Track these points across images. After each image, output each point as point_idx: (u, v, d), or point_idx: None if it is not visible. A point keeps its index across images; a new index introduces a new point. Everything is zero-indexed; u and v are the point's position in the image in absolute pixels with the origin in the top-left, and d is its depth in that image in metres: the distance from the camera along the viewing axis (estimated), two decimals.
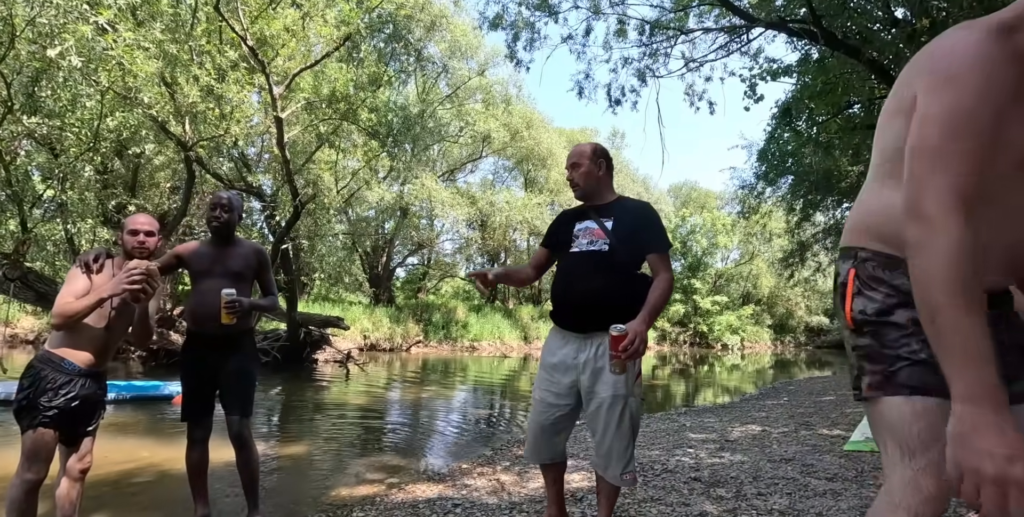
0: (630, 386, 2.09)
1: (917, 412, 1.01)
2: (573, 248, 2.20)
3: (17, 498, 2.09)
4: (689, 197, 37.47)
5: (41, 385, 2.16)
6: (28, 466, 2.11)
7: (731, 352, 26.64)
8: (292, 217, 9.35)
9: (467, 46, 18.29)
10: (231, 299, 2.46)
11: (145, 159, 8.96)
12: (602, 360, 2.06)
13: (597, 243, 2.15)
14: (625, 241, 2.13)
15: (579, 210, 2.30)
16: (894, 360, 1.06)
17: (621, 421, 2.07)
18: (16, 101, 6.69)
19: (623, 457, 2.08)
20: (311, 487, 3.54)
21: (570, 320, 2.17)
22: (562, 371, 2.15)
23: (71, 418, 2.21)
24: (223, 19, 7.47)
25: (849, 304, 1.13)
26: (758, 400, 8.55)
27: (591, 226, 2.20)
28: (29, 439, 2.12)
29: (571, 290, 2.15)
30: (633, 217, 2.19)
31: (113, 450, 3.95)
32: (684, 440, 4.82)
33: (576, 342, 2.14)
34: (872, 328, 1.09)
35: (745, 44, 8.21)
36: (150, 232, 2.33)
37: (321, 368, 10.94)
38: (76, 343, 2.22)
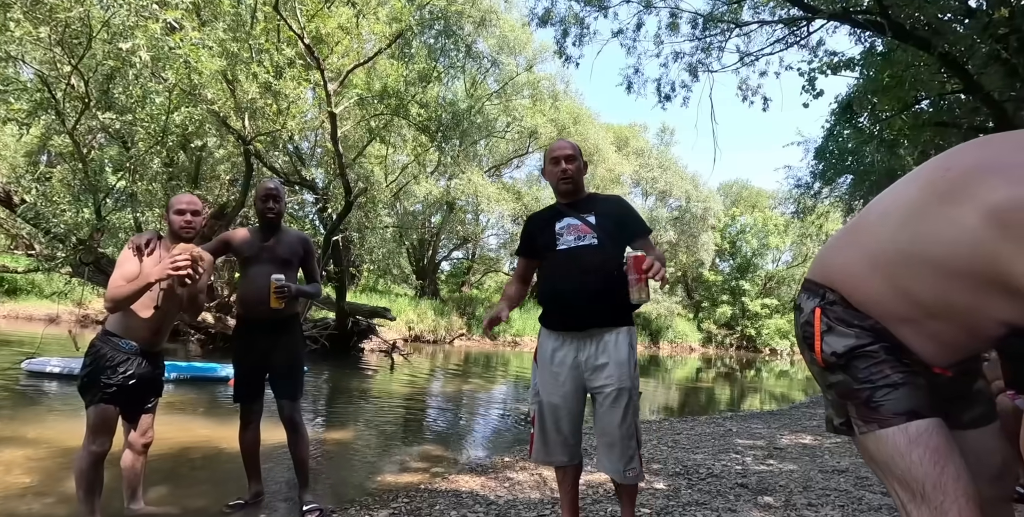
0: (635, 377, 2.05)
1: (912, 439, 0.98)
2: (560, 246, 2.13)
3: (84, 469, 2.23)
4: (740, 196, 36.34)
5: (101, 363, 2.27)
6: (93, 439, 2.24)
7: (780, 358, 25.78)
8: (344, 210, 9.60)
9: (516, 42, 18.27)
10: (280, 284, 2.54)
11: (207, 152, 9.38)
12: (603, 356, 2.03)
13: (585, 238, 2.10)
14: (612, 234, 2.11)
15: (552, 210, 2.25)
16: (874, 391, 1.03)
17: (625, 415, 2.00)
18: (92, 98, 7.11)
19: (626, 453, 2.01)
20: (357, 472, 3.64)
21: (570, 319, 2.09)
22: (566, 373, 2.08)
23: (129, 395, 2.31)
24: (281, 18, 7.72)
25: (819, 343, 1.11)
26: (809, 408, 8.24)
27: (573, 223, 2.14)
28: (92, 414, 2.25)
29: (567, 288, 2.07)
30: (613, 209, 2.18)
31: (173, 427, 4.17)
32: (730, 445, 4.71)
33: (575, 341, 2.08)
34: (843, 362, 1.07)
35: (805, 37, 7.88)
36: (196, 211, 2.40)
37: (367, 357, 11.22)
38: (131, 324, 2.31)
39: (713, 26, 8.18)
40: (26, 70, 7.74)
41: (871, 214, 1.11)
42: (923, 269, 0.98)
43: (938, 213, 0.96)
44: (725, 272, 29.45)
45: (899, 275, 1.02)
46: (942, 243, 0.95)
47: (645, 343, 24.54)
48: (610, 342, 2.04)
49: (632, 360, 2.05)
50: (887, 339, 1.04)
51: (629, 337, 2.08)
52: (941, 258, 0.95)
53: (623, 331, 2.07)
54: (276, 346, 2.70)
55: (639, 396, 2.08)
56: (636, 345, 2.10)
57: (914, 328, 1.03)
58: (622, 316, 2.08)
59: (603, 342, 2.04)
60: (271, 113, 8.33)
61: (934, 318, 1.00)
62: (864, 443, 1.06)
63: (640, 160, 25.86)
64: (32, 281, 13.29)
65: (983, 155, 0.96)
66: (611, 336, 2.05)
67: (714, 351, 26.62)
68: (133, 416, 2.41)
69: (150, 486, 2.81)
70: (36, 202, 7.03)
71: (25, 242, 9.39)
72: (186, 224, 2.38)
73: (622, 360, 2.02)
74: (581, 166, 2.22)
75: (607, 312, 2.04)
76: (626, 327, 2.08)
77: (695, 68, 8.54)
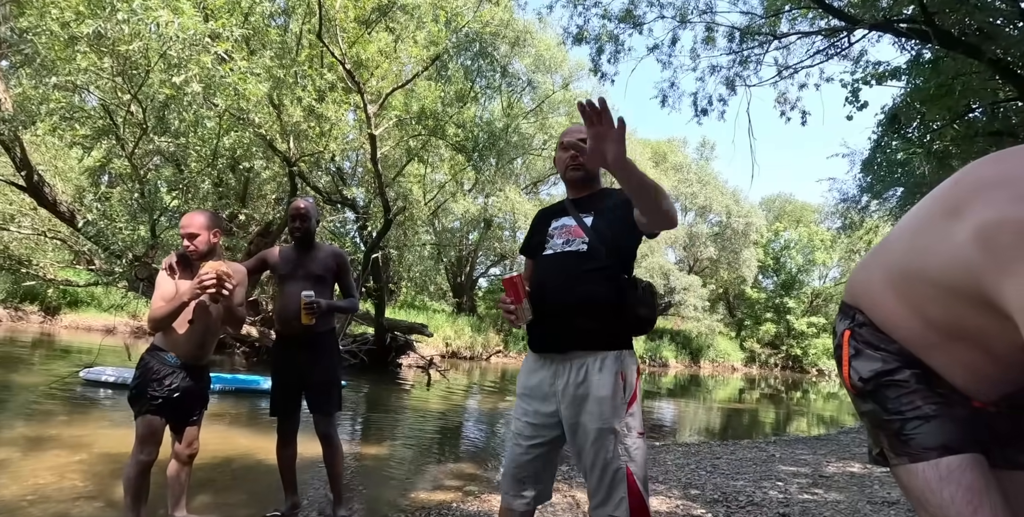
0: (623, 414, 1.66)
1: (942, 476, 0.92)
2: (546, 250, 1.85)
3: (132, 477, 2.32)
4: (783, 210, 35.43)
5: (148, 376, 2.38)
6: (140, 449, 2.33)
7: (828, 379, 24.70)
8: (383, 228, 9.81)
9: (551, 60, 18.50)
10: (309, 300, 2.60)
11: (254, 173, 9.77)
12: (584, 387, 1.68)
13: (574, 243, 1.79)
14: (607, 238, 1.75)
15: (558, 206, 1.96)
16: (903, 423, 0.98)
17: (609, 462, 1.64)
18: (149, 123, 7.55)
19: (612, 505, 1.64)
20: (391, 488, 3.66)
21: (546, 337, 1.79)
22: (540, 399, 1.78)
23: (175, 407, 2.41)
24: (324, 45, 8.05)
25: (847, 369, 1.07)
26: (858, 434, 7.85)
27: (568, 223, 1.84)
28: (140, 424, 2.35)
29: (545, 301, 1.75)
30: (617, 206, 1.79)
31: (216, 437, 4.29)
32: (773, 472, 4.53)
33: (553, 365, 1.76)
34: (872, 390, 1.02)
35: (846, 48, 7.71)
36: (191, 234, 2.39)
37: (404, 372, 11.33)
38: (174, 339, 2.42)
39: (750, 39, 8.10)
40: (90, 98, 8.29)
41: (894, 230, 1.08)
42: (926, 286, 0.94)
43: (938, 227, 0.92)
44: (769, 289, 28.56)
45: (910, 293, 0.97)
46: (938, 258, 0.91)
47: (685, 362, 23.95)
48: (592, 370, 1.69)
49: (618, 394, 1.67)
50: (916, 365, 0.99)
51: (618, 365, 1.70)
52: (938, 275, 0.91)
53: (611, 357, 1.70)
54: (312, 362, 2.75)
55: (642, 438, 1.69)
56: (631, 374, 1.72)
57: (939, 353, 0.97)
58: (611, 338, 1.73)
59: (584, 369, 1.70)
60: (314, 135, 8.64)
61: (953, 341, 0.95)
62: (897, 474, 1.01)
63: (679, 175, 25.56)
64: (92, 294, 14.02)
65: (997, 169, 0.90)
66: (595, 362, 1.70)
67: (758, 371, 25.73)
68: (179, 428, 2.51)
69: (193, 495, 2.89)
70: (97, 220, 7.46)
71: (86, 258, 9.93)
72: (185, 248, 2.41)
73: (604, 395, 1.66)
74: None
75: (590, 332, 1.71)
76: (615, 352, 1.71)
77: (732, 82, 8.45)
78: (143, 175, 8.30)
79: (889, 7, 6.50)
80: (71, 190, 10.12)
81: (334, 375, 2.83)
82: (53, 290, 13.00)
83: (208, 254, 2.44)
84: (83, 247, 9.48)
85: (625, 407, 1.67)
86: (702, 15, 8.15)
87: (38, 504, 2.79)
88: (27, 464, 3.40)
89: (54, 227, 9.49)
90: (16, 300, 13.18)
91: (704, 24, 8.25)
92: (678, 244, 24.85)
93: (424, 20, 9.12)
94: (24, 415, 4.81)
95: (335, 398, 2.81)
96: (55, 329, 12.81)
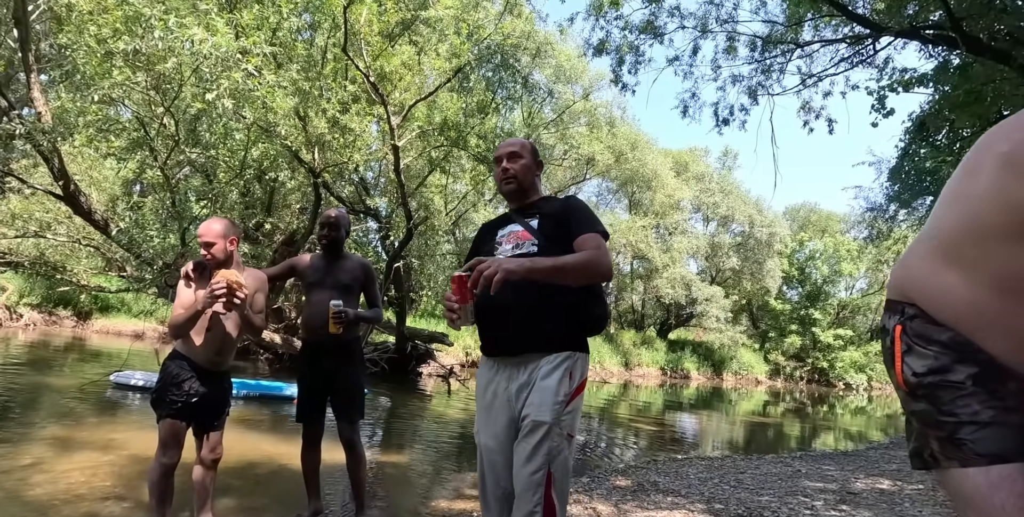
0: (560, 412, 1.61)
1: (993, 483, 0.90)
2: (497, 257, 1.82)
3: (155, 480, 2.38)
4: (808, 220, 34.83)
5: (168, 380, 2.44)
6: (163, 452, 2.38)
7: (856, 393, 24.09)
8: (405, 238, 9.92)
9: (572, 71, 18.59)
10: (338, 310, 2.63)
11: (280, 183, 9.98)
12: (534, 379, 1.68)
13: (524, 245, 1.79)
14: (555, 238, 1.76)
15: (502, 218, 1.98)
16: (957, 426, 0.95)
17: (533, 455, 1.56)
18: (181, 136, 7.78)
19: (523, 507, 1.54)
20: (412, 495, 3.67)
21: (501, 340, 1.77)
22: (498, 407, 1.74)
23: (195, 412, 2.46)
24: (349, 59, 8.22)
25: (899, 365, 1.03)
26: (888, 450, 7.63)
27: (515, 229, 1.86)
28: (161, 427, 2.40)
29: (496, 303, 1.69)
30: (559, 210, 1.84)
31: (241, 442, 4.36)
32: (798, 487, 4.43)
33: (508, 369, 1.74)
34: (926, 391, 0.99)
35: (871, 55, 7.61)
36: (208, 243, 2.44)
37: (424, 381, 11.37)
38: (194, 345, 2.47)
39: (773, 48, 8.05)
40: (125, 111, 8.59)
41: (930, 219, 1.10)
42: (977, 241, 0.96)
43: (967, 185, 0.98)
44: (793, 300, 28.03)
45: (962, 256, 0.98)
46: (979, 207, 0.95)
47: (707, 374, 23.59)
48: (543, 369, 1.67)
49: (562, 391, 1.63)
50: (971, 359, 0.96)
51: (568, 364, 1.68)
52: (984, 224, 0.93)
53: (562, 357, 1.68)
54: (337, 370, 2.78)
55: (570, 442, 1.62)
56: (578, 376, 1.69)
57: (998, 330, 0.94)
58: (563, 339, 1.71)
59: (537, 369, 1.69)
60: (338, 146, 8.81)
61: (1013, 303, 0.92)
62: (945, 478, 0.99)
63: (700, 185, 25.36)
64: (122, 300, 14.40)
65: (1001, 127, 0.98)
66: (547, 363, 1.68)
67: (782, 384, 25.19)
68: (201, 433, 2.55)
69: (217, 498, 2.94)
70: (129, 229, 7.69)
71: (118, 265, 10.22)
72: (203, 256, 2.48)
73: (547, 386, 1.64)
74: (531, 165, 1.94)
75: (542, 333, 1.69)
76: (566, 353, 1.69)
77: (754, 91, 8.40)
78: (174, 185, 8.55)
79: (915, 14, 6.42)
80: (105, 199, 10.45)
81: (358, 382, 2.88)
82: (85, 296, 13.40)
83: (225, 262, 2.47)
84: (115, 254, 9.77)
85: (564, 404, 1.63)
86: (723, 25, 8.14)
87: (70, 503, 2.87)
88: (59, 464, 3.50)
89: (88, 235, 9.80)
90: (50, 305, 13.59)
91: (725, 33, 8.24)
92: (700, 254, 24.58)
93: (446, 33, 9.27)
94: (57, 416, 4.95)
95: (359, 405, 2.85)
96: (86, 333, 13.16)
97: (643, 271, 23.06)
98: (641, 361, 21.49)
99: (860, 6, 7.25)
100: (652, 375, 21.18)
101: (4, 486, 3.06)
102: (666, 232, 23.54)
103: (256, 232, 10.49)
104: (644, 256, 21.21)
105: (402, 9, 8.53)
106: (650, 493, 3.87)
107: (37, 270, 12.01)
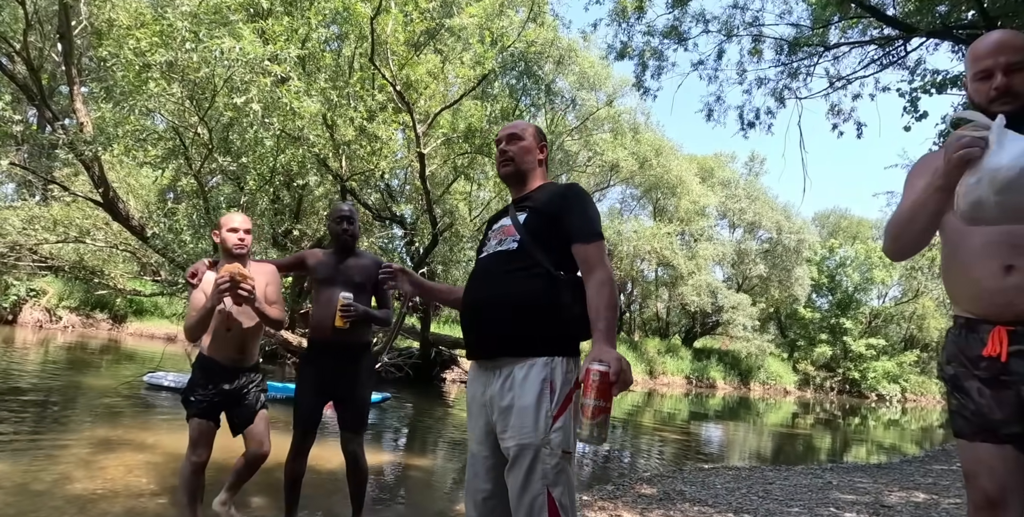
0: (545, 430, 1.45)
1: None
2: (482, 254, 1.74)
3: (186, 477, 2.44)
4: (838, 226, 34.06)
5: (193, 380, 2.50)
6: (192, 450, 2.44)
7: (889, 404, 23.36)
8: (430, 244, 10.02)
9: (595, 77, 18.59)
10: (347, 302, 2.49)
11: (307, 190, 10.18)
12: (509, 396, 1.51)
13: (505, 242, 1.65)
14: (539, 235, 1.60)
15: (504, 208, 1.82)
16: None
17: (526, 484, 1.43)
18: (214, 144, 8.01)
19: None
20: (431, 502, 3.69)
21: (475, 344, 1.65)
22: (476, 411, 1.63)
23: (220, 411, 2.49)
24: (376, 68, 8.38)
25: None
26: (923, 463, 7.38)
27: (504, 223, 1.71)
28: (190, 427, 2.46)
29: (473, 304, 1.65)
30: (549, 202, 1.64)
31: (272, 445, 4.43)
32: (829, 499, 4.32)
33: (484, 373, 1.62)
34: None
35: (902, 56, 7.44)
36: (248, 229, 2.48)
37: (448, 387, 11.42)
38: (215, 344, 2.49)
39: (799, 50, 7.94)
40: (161, 121, 8.88)
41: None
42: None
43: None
44: (823, 309, 27.37)
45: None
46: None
47: (734, 383, 23.15)
48: (518, 378, 1.51)
49: (543, 408, 1.46)
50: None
51: (546, 372, 1.50)
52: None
53: (538, 364, 1.50)
54: (344, 375, 2.63)
55: (568, 459, 1.46)
56: (560, 385, 1.50)
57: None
58: (540, 343, 1.53)
59: (511, 378, 1.53)
60: (365, 154, 8.96)
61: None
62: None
63: (726, 191, 25.03)
64: (156, 304, 14.81)
65: None
66: (521, 370, 1.51)
67: (812, 395, 24.58)
68: (238, 430, 2.57)
69: (246, 495, 3.01)
70: (164, 234, 7.93)
71: (152, 269, 10.53)
72: (239, 241, 2.46)
73: (526, 405, 1.47)
74: (530, 147, 1.75)
75: (514, 337, 1.54)
76: (543, 359, 1.51)
77: (781, 94, 8.29)
78: (207, 192, 8.79)
79: (947, 13, 6.26)
80: (141, 206, 10.79)
81: (366, 392, 2.73)
82: (121, 299, 13.82)
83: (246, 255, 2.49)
84: (150, 259, 10.07)
85: (550, 421, 1.46)
86: (748, 28, 8.07)
87: (107, 499, 2.96)
88: (97, 461, 3.62)
89: (125, 240, 10.13)
90: (88, 308, 14.06)
91: (751, 36, 8.16)
92: (726, 261, 24.21)
93: (470, 42, 9.38)
94: (94, 415, 5.12)
95: (365, 415, 2.72)
96: (121, 336, 13.57)
97: (668, 278, 22.81)
98: (666, 369, 21.22)
99: (889, 7, 7.11)
100: (677, 384, 20.88)
101: (45, 480, 3.18)
102: (691, 239, 23.26)
103: (284, 238, 10.70)
104: (669, 263, 20.98)
105: (427, 18, 8.67)
106: (676, 502, 3.82)
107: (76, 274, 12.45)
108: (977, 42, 1.41)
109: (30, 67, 7.80)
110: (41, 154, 13.39)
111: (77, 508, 2.81)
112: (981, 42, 1.40)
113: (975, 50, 1.40)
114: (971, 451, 1.31)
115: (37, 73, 7.91)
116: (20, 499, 2.85)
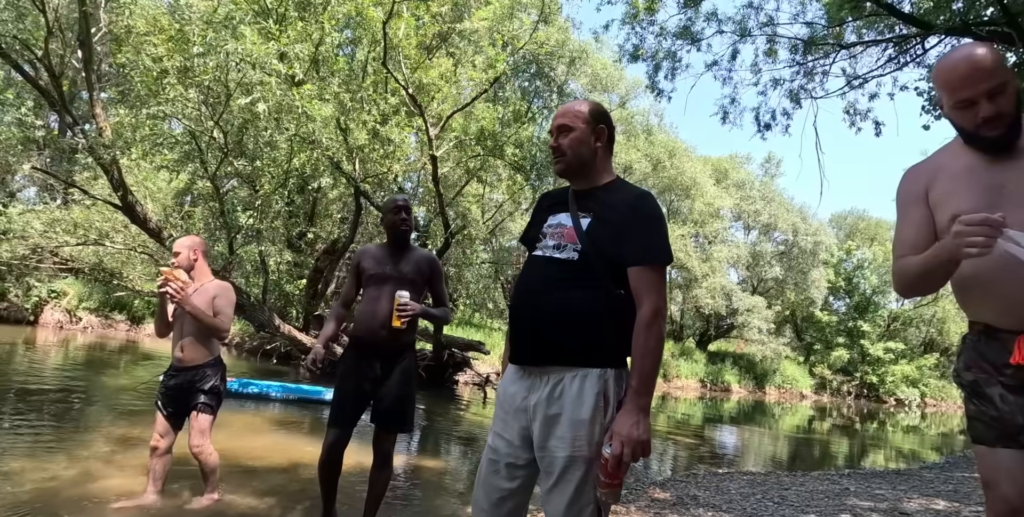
0: (599, 442, 1.44)
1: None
2: (536, 251, 1.63)
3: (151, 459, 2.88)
4: (855, 228, 33.58)
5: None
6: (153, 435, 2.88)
7: (908, 409, 22.95)
8: (443, 246, 10.05)
9: (608, 79, 18.56)
10: (404, 301, 2.40)
11: (321, 193, 10.28)
12: (557, 405, 1.47)
13: (565, 249, 1.55)
14: (603, 248, 1.51)
15: (562, 196, 1.67)
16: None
17: (578, 496, 1.43)
18: (229, 148, 8.12)
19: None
20: (449, 501, 3.68)
21: (523, 348, 1.58)
22: (513, 412, 1.56)
23: (168, 402, 2.88)
24: (389, 72, 8.44)
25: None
26: (944, 470, 7.24)
27: (563, 223, 1.59)
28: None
29: (524, 308, 1.58)
30: (621, 213, 1.52)
31: (284, 445, 4.48)
32: (846, 506, 4.24)
33: (529, 378, 1.55)
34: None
35: (920, 55, 7.32)
36: (175, 252, 2.92)
37: (461, 389, 11.42)
38: (172, 344, 2.92)
39: (815, 50, 7.85)
40: (177, 126, 9.03)
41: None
42: None
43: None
44: (840, 312, 26.97)
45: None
46: None
47: (749, 387, 22.90)
48: (569, 388, 1.47)
49: (598, 418, 1.44)
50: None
51: (600, 385, 1.46)
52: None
53: (593, 375, 1.47)
54: (389, 375, 2.53)
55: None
56: (612, 399, 1.47)
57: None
58: (594, 353, 1.49)
59: (560, 386, 1.48)
60: (378, 157, 9.03)
61: None
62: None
63: (741, 193, 24.81)
64: None
65: None
66: (573, 380, 1.47)
67: (828, 399, 24.21)
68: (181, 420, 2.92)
69: (262, 497, 3.04)
70: (181, 236, 8.05)
71: None
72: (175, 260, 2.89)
73: (582, 418, 1.44)
74: (584, 137, 1.57)
75: (569, 345, 1.48)
76: (597, 370, 1.47)
77: (797, 95, 8.20)
78: (222, 195, 8.91)
79: (965, 10, 6.15)
80: (158, 209, 10.96)
81: (411, 391, 2.61)
82: (139, 301, 14.03)
83: (190, 268, 2.91)
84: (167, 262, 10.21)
85: (604, 432, 1.44)
86: (763, 28, 8.00)
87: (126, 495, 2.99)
88: (116, 461, 3.68)
89: (143, 243, 10.29)
90: (107, 309, 14.29)
91: (765, 37, 8.09)
92: (740, 264, 23.99)
93: (482, 45, 9.41)
94: (114, 414, 5.20)
95: (409, 416, 2.59)
96: (139, 337, 13.76)
97: (682, 280, 22.64)
98: (680, 373, 21.05)
99: (906, 4, 7.02)
100: (691, 387, 20.70)
101: (66, 477, 3.24)
102: (705, 241, 23.09)
103: (299, 241, 10.81)
104: (683, 265, 20.84)
105: (439, 22, 8.72)
106: (690, 507, 3.78)
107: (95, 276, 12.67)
108: (945, 67, 1.31)
109: (51, 73, 7.97)
110: (62, 158, 13.68)
111: (96, 505, 2.85)
112: (951, 70, 1.29)
113: (948, 79, 1.29)
114: (992, 457, 1.29)
115: (58, 79, 8.07)
116: (41, 495, 2.91)
